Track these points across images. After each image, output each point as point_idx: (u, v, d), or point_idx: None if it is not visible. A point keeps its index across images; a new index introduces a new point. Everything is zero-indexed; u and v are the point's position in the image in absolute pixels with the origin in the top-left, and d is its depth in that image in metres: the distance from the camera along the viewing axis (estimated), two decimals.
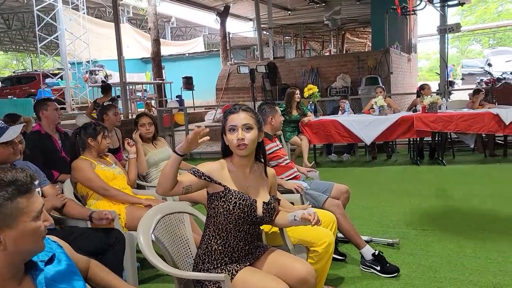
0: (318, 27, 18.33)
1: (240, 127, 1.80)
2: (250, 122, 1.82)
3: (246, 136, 1.80)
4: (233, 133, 1.81)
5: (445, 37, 7.93)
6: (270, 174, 1.98)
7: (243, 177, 1.87)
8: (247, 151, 1.82)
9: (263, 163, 1.96)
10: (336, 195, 3.10)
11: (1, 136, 2.20)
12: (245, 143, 1.79)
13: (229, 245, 1.83)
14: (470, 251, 3.10)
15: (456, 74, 22.97)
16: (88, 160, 2.88)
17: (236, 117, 1.83)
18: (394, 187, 5.17)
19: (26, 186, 1.09)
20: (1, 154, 2.21)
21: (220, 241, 1.82)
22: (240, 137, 1.79)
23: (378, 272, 2.80)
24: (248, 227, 1.84)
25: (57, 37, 16.97)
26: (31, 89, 16.71)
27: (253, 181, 1.89)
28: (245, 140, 1.79)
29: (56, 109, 3.65)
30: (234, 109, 1.87)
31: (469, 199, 4.43)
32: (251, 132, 1.81)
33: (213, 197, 1.83)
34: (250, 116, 1.84)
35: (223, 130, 1.88)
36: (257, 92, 9.53)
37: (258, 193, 1.88)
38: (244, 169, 1.89)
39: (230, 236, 1.82)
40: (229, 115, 1.86)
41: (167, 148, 3.65)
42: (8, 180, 1.07)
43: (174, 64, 19.71)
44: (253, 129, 1.82)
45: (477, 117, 6.00)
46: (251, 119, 1.83)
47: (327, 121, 6.43)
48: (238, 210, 1.78)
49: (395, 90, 11.55)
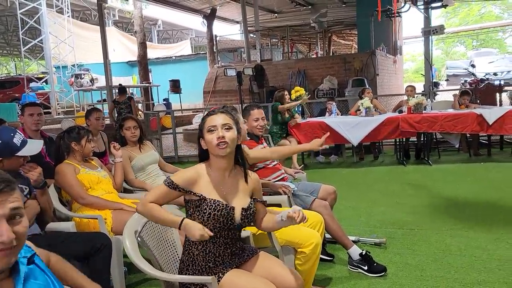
0: (304, 30, 18.44)
1: (220, 126, 1.80)
2: (229, 122, 1.82)
3: (226, 134, 1.79)
4: (213, 133, 1.80)
5: (429, 39, 8.05)
6: (252, 179, 1.94)
7: (222, 182, 1.85)
8: (228, 149, 1.80)
9: (243, 168, 1.93)
10: (323, 196, 3.11)
11: (22, 149, 2.22)
12: (225, 140, 1.78)
13: (209, 251, 1.81)
14: (455, 250, 3.14)
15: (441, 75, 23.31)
16: (72, 165, 2.85)
17: (215, 118, 1.83)
18: (381, 187, 5.22)
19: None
20: (12, 164, 2.22)
21: (200, 247, 1.81)
22: (220, 135, 1.78)
23: (366, 271, 2.82)
24: (227, 233, 1.82)
25: (42, 41, 16.78)
26: (15, 93, 16.48)
27: (232, 186, 1.87)
28: (226, 138, 1.79)
29: (31, 114, 3.56)
30: (213, 111, 1.88)
31: (454, 198, 4.49)
32: (231, 131, 1.81)
33: (189, 204, 1.83)
34: (229, 117, 1.84)
35: (200, 134, 1.87)
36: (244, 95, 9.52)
37: (237, 198, 1.85)
38: (223, 173, 1.86)
39: (209, 242, 1.79)
40: (207, 117, 1.86)
41: (153, 152, 3.62)
42: None
43: (161, 67, 19.64)
44: (233, 129, 1.82)
45: (461, 117, 6.09)
46: (230, 120, 1.84)
47: (315, 123, 6.47)
48: (213, 220, 1.76)
49: (381, 91, 11.67)
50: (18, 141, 2.24)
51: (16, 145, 2.21)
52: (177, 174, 1.83)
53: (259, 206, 1.96)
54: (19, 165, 2.27)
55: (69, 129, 2.96)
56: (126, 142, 3.48)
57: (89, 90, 15.09)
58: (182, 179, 1.79)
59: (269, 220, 1.95)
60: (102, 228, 2.62)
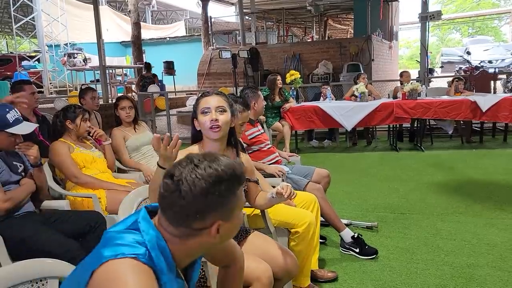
0: (300, 13, 18.24)
1: (214, 108, 1.79)
2: (223, 105, 1.80)
3: (220, 117, 1.78)
4: (206, 115, 1.79)
5: (426, 25, 8.01)
6: (243, 159, 1.95)
7: None
8: (221, 132, 1.80)
9: (235, 149, 1.93)
10: (317, 179, 3.13)
11: (13, 126, 2.21)
12: (218, 124, 1.78)
13: None
14: (446, 234, 3.19)
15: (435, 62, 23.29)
16: (67, 143, 2.83)
17: (209, 100, 1.81)
18: (373, 172, 5.26)
19: (242, 177, 1.05)
20: (3, 142, 2.22)
21: None
22: (214, 118, 1.77)
23: (357, 254, 2.86)
24: None
25: (34, 18, 16.46)
26: (6, 71, 16.20)
27: None
28: (219, 121, 1.78)
29: (33, 93, 3.56)
30: (208, 93, 1.86)
31: (446, 184, 4.54)
32: (225, 114, 1.80)
33: None
34: (223, 100, 1.83)
35: (194, 114, 1.85)
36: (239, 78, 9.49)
37: None
38: None
39: None
40: (202, 98, 1.84)
41: (148, 133, 3.61)
42: (232, 172, 1.02)
43: (155, 48, 19.41)
44: (227, 111, 1.81)
45: (455, 104, 6.12)
46: (224, 102, 1.82)
47: (309, 107, 6.46)
48: None
49: (376, 77, 11.66)
50: (12, 118, 2.22)
51: (8, 121, 2.20)
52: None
53: (251, 186, 1.99)
54: (11, 144, 2.26)
55: (65, 107, 2.94)
56: (121, 122, 3.46)
57: (82, 69, 14.90)
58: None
59: (262, 197, 1.98)
60: (97, 207, 2.63)
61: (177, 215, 1.00)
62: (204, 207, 0.99)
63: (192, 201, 0.97)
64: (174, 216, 1.00)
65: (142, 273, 0.94)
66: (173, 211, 1.00)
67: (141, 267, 0.95)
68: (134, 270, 0.93)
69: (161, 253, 1.01)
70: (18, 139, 2.27)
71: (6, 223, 2.14)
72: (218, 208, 1.01)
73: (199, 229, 1.01)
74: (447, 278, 2.53)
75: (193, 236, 1.03)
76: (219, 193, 0.99)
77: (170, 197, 0.99)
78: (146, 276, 0.94)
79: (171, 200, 0.99)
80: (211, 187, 0.98)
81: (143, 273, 0.94)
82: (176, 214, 1.00)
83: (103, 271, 0.94)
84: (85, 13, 17.30)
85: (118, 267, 0.94)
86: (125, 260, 0.95)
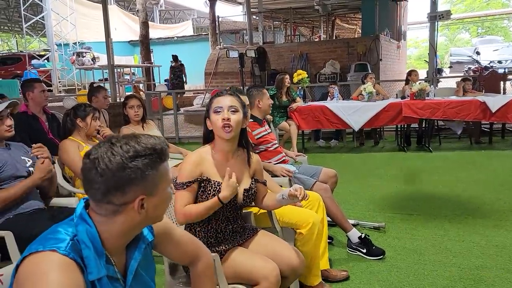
0: (308, 13, 18.19)
1: (226, 108, 1.80)
2: (236, 105, 1.82)
3: (232, 117, 1.79)
4: (219, 114, 1.80)
5: (435, 24, 7.96)
6: (254, 160, 1.97)
7: (225, 164, 1.86)
8: (233, 133, 1.81)
9: (246, 150, 1.94)
10: (324, 179, 3.13)
11: None
12: (230, 124, 1.79)
13: (211, 227, 1.83)
14: (454, 235, 3.17)
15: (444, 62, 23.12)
16: (76, 141, 2.86)
17: (222, 100, 1.83)
18: (380, 172, 5.24)
19: (163, 153, 1.08)
20: None
21: (202, 223, 1.84)
22: (226, 117, 1.78)
23: (364, 254, 2.85)
24: (229, 209, 1.85)
25: (43, 18, 16.59)
26: (16, 70, 16.37)
27: (234, 168, 1.87)
28: (231, 121, 1.79)
29: (43, 91, 3.61)
30: (221, 93, 1.87)
31: (454, 185, 4.51)
32: (237, 114, 1.81)
33: None
34: (236, 100, 1.84)
35: (207, 114, 1.87)
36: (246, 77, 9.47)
37: (239, 179, 1.87)
38: (226, 155, 1.88)
39: (211, 218, 1.82)
40: (215, 98, 1.86)
41: (156, 131, 3.63)
42: (150, 147, 1.06)
43: (163, 47, 19.47)
44: (239, 112, 1.82)
45: (464, 104, 6.07)
46: (237, 102, 1.83)
47: (316, 107, 6.44)
48: None
49: (384, 77, 11.60)
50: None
51: None
52: (182, 172, 1.81)
53: (260, 186, 1.99)
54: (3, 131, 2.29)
55: (76, 106, 2.97)
56: (129, 120, 3.48)
57: (90, 68, 15.01)
58: (187, 173, 1.79)
59: (270, 198, 1.98)
60: None
61: (98, 192, 1.02)
62: (123, 182, 1.01)
63: (110, 177, 1.00)
64: (95, 194, 1.03)
65: (59, 266, 0.95)
66: (94, 189, 1.02)
67: (60, 260, 0.96)
68: (50, 264, 0.95)
69: (91, 240, 1.03)
70: (6, 122, 2.30)
71: (16, 220, 2.16)
72: (138, 183, 1.03)
73: (122, 205, 1.04)
74: (455, 279, 2.52)
75: (119, 213, 1.05)
76: (137, 167, 1.02)
77: (89, 175, 1.03)
78: (64, 268, 0.95)
79: (90, 178, 1.02)
80: (128, 162, 1.01)
81: (61, 266, 0.95)
82: (97, 191, 1.02)
83: (24, 265, 0.97)
84: (93, 12, 17.40)
85: (36, 261, 0.96)
86: (43, 254, 0.97)
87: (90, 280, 1.00)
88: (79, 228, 1.04)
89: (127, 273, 1.14)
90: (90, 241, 1.03)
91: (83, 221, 1.06)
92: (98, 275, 1.02)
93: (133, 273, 1.14)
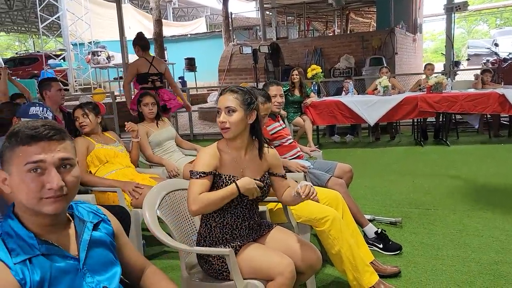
0: (321, 7, 18.05)
1: (223, 109, 1.81)
2: (232, 105, 1.79)
3: (228, 119, 1.79)
4: (219, 116, 1.82)
5: (451, 16, 7.82)
6: (269, 154, 1.95)
7: (238, 158, 1.86)
8: (230, 133, 1.81)
9: (258, 145, 1.92)
10: (339, 174, 3.10)
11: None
12: (227, 126, 1.79)
13: (227, 223, 1.83)
14: (473, 230, 3.12)
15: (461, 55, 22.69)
16: (87, 140, 2.89)
17: (221, 100, 1.84)
18: (397, 167, 5.18)
19: (19, 136, 1.10)
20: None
21: (218, 218, 1.83)
22: (221, 120, 1.80)
23: (381, 249, 2.82)
24: (245, 204, 1.85)
25: (59, 18, 16.81)
26: (34, 70, 16.64)
27: (249, 162, 1.88)
28: (227, 123, 1.79)
29: (60, 90, 3.67)
30: (223, 91, 1.87)
31: (473, 179, 4.43)
32: (234, 114, 1.79)
33: None
34: (235, 98, 1.81)
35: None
36: (260, 73, 9.46)
37: (253, 173, 1.87)
38: (239, 151, 1.88)
39: (227, 213, 1.82)
40: (219, 97, 1.87)
41: (170, 128, 3.64)
42: (14, 131, 1.12)
43: (176, 45, 19.54)
44: (236, 111, 1.79)
45: (483, 97, 5.95)
46: (235, 101, 1.80)
47: (331, 102, 6.40)
48: None
49: (400, 70, 11.46)
50: (35, 114, 2.42)
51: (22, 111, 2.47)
52: (199, 162, 1.81)
53: (278, 180, 1.98)
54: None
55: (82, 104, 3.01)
56: (144, 118, 3.50)
57: (105, 67, 15.15)
58: (207, 164, 1.79)
59: (288, 194, 1.96)
60: (121, 202, 2.67)
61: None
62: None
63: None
64: None
65: None
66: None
67: None
68: None
69: (13, 229, 1.10)
70: None
71: None
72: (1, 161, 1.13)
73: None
74: (474, 274, 2.47)
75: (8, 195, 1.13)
76: (3, 146, 1.12)
77: None
78: None
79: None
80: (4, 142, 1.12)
81: None
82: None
83: None
84: (108, 12, 17.56)
85: None
86: None
87: (16, 262, 1.05)
88: (3, 224, 1.12)
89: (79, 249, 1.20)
90: (13, 230, 1.10)
91: (7, 217, 1.13)
92: (26, 256, 1.07)
93: (85, 250, 1.19)
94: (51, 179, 1.09)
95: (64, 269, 1.12)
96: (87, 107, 2.95)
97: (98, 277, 1.20)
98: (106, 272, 1.23)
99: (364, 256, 2.36)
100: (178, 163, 3.38)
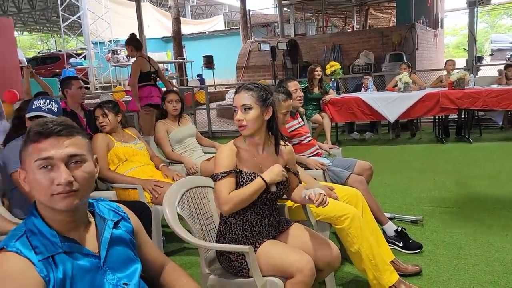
0: (340, 3, 17.88)
1: (239, 108, 1.82)
2: (248, 102, 1.80)
3: (245, 117, 1.80)
4: (235, 114, 1.83)
5: (474, 10, 7.64)
6: (285, 151, 1.96)
7: (256, 155, 1.88)
8: (248, 131, 1.82)
9: (275, 141, 1.92)
10: (359, 171, 3.07)
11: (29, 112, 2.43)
12: (243, 124, 1.81)
13: (247, 220, 1.84)
14: (497, 229, 3.05)
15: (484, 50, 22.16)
16: (107, 137, 2.93)
17: (237, 98, 1.84)
18: (418, 165, 5.10)
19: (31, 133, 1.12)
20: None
21: (238, 216, 1.84)
22: (237, 118, 1.81)
23: (401, 248, 2.78)
24: (265, 201, 1.85)
25: (80, 17, 17.11)
26: (56, 69, 16.99)
27: (267, 158, 1.89)
28: (244, 121, 1.80)
29: (80, 88, 3.73)
30: (238, 89, 1.87)
31: (496, 177, 4.33)
32: (250, 112, 1.80)
33: None
34: (250, 96, 1.81)
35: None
36: (278, 70, 9.43)
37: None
38: (257, 147, 1.89)
39: (247, 210, 1.83)
40: (234, 96, 1.88)
41: (191, 125, 3.65)
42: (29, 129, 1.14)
43: (195, 43, 19.67)
44: (253, 109, 1.80)
45: (507, 93, 5.80)
46: (251, 98, 1.81)
47: (350, 99, 6.33)
48: None
49: (421, 66, 11.27)
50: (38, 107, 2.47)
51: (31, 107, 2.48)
52: (218, 163, 1.82)
53: (291, 177, 1.98)
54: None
55: (102, 102, 3.05)
56: (167, 115, 3.53)
57: (125, 65, 15.35)
58: (226, 165, 1.81)
59: (297, 194, 1.97)
60: (142, 198, 2.71)
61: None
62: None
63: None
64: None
65: (3, 262, 1.04)
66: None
67: (4, 257, 1.05)
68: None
69: (36, 227, 1.12)
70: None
71: None
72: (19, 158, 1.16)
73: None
74: (498, 274, 2.42)
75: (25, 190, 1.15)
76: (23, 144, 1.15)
77: None
78: (7, 264, 1.03)
79: None
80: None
81: (4, 262, 1.04)
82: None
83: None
84: (127, 10, 17.77)
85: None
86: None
87: (40, 259, 1.06)
88: (27, 221, 1.14)
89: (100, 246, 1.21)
90: (36, 227, 1.11)
91: (31, 215, 1.15)
92: (49, 253, 1.08)
93: (106, 248, 1.20)
94: (59, 174, 1.09)
95: (85, 266, 1.14)
96: (106, 107, 2.98)
97: (119, 274, 1.21)
98: (126, 269, 1.24)
99: (385, 254, 2.33)
100: (197, 162, 3.40)
